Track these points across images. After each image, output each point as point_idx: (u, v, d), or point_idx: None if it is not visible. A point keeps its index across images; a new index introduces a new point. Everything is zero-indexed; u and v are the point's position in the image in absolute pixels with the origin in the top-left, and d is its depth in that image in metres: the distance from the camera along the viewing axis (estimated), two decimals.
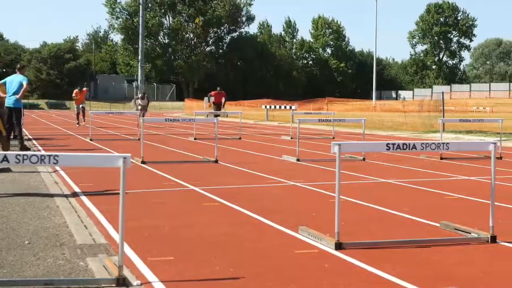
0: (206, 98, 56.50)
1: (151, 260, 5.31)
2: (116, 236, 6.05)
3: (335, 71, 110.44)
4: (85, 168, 10.67)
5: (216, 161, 13.28)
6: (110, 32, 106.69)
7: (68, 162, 4.85)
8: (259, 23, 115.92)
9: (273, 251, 5.67)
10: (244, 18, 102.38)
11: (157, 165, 12.53)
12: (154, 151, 16.03)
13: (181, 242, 5.98)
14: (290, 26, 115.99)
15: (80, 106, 30.91)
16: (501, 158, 14.43)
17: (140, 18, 70.69)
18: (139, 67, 65.56)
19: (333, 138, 22.25)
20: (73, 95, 31.26)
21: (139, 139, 16.65)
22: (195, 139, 20.91)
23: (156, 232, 6.39)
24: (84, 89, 32.38)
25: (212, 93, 34.02)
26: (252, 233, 6.40)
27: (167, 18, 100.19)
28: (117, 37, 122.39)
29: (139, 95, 35.99)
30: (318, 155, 15.30)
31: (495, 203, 6.20)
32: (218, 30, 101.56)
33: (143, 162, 12.79)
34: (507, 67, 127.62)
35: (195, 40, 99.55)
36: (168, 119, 17.83)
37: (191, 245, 5.84)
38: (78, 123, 30.35)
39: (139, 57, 64.42)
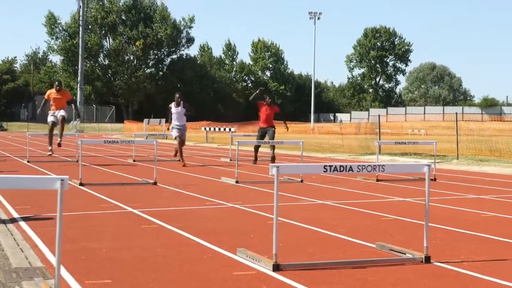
0: (146, 120, 56.14)
1: (88, 283, 5.27)
2: (53, 259, 5.98)
3: (274, 94, 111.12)
4: (22, 190, 10.49)
5: (155, 183, 13.23)
6: (49, 53, 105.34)
7: (4, 184, 4.79)
8: (200, 45, 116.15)
9: (211, 273, 5.69)
10: (184, 40, 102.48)
11: (95, 187, 12.42)
12: (92, 173, 15.88)
13: (119, 264, 5.95)
14: (230, 49, 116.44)
15: (58, 114, 18.94)
16: (435, 179, 14.74)
17: (80, 39, 70.29)
18: (78, 88, 64.91)
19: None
20: (46, 96, 19.26)
21: (77, 161, 16.47)
22: (134, 161, 20.79)
23: (93, 255, 6.34)
24: (65, 90, 20.13)
25: (261, 105, 20.24)
26: (190, 255, 6.41)
27: (108, 40, 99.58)
28: (56, 58, 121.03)
29: (173, 103, 19.38)
30: (257, 177, 15.37)
31: (429, 224, 6.34)
32: (159, 52, 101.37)
33: (81, 184, 12.66)
34: (440, 91, 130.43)
35: (135, 62, 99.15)
36: (107, 140, 17.64)
37: (129, 268, 5.82)
38: (50, 149, 19.47)
39: (79, 78, 63.92)
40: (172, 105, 19.37)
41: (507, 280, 5.51)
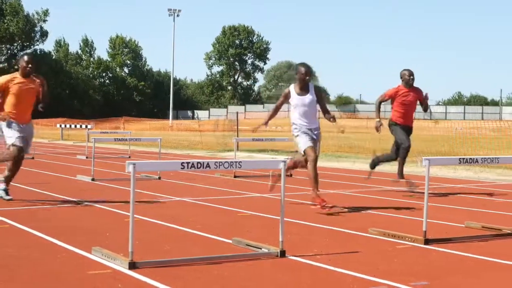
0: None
1: None
2: None
3: (134, 91, 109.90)
4: None
5: None
6: None
7: None
8: (56, 40, 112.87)
9: (65, 272, 5.55)
10: (38, 35, 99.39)
11: None
12: None
13: None
14: (87, 45, 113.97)
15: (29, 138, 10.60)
16: (291, 175, 15.03)
17: None
18: None
19: (129, 157, 22.17)
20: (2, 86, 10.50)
21: None
22: None
23: None
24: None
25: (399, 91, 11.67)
26: (43, 255, 6.23)
27: None
28: None
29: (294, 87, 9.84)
30: (114, 175, 15.16)
31: (285, 219, 6.47)
32: (11, 47, 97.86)
33: None
34: None
35: None
36: None
37: None
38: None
39: None
40: (292, 89, 9.89)
41: (357, 271, 5.70)
